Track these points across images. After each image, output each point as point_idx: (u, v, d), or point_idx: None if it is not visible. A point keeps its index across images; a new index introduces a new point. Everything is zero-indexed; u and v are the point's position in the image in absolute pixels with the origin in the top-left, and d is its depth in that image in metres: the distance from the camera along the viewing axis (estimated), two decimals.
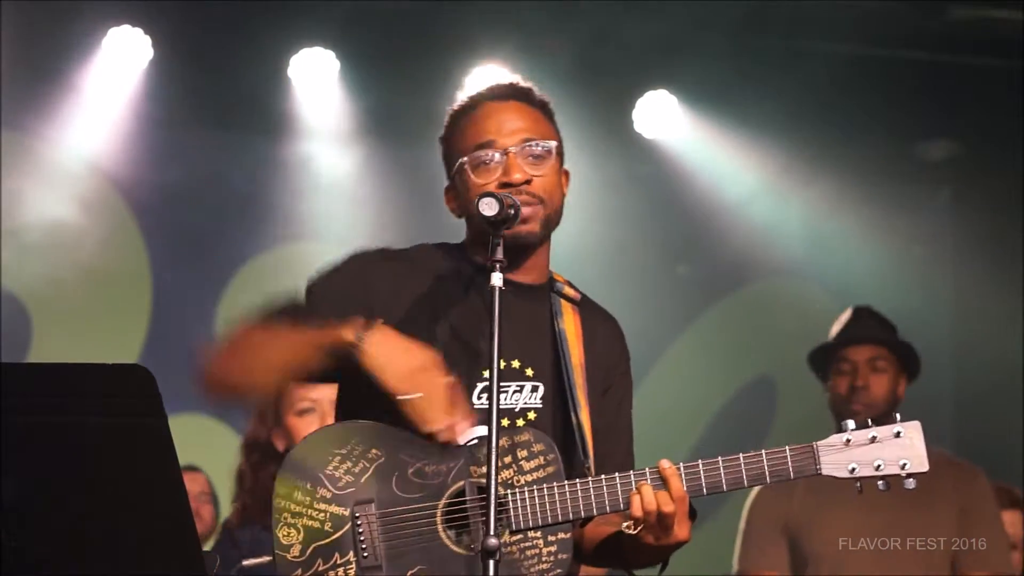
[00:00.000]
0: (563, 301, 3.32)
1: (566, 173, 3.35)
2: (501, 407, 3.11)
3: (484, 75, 6.94)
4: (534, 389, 3.22)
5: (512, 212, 3.07)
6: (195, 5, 6.72)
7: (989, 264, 7.57)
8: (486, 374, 3.13)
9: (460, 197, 3.27)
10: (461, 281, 3.25)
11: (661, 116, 7.36)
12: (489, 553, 2.81)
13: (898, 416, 3.08)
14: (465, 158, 3.24)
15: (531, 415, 3.20)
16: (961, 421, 7.86)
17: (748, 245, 7.59)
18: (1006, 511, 5.44)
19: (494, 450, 2.88)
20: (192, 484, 6.33)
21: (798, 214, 7.66)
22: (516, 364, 3.21)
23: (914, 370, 5.25)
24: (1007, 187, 7.41)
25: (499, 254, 3.01)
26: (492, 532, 2.82)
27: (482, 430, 3.11)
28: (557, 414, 3.22)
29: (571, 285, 3.37)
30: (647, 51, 6.93)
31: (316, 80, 7.07)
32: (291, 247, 7.46)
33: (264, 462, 4.70)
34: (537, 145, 3.24)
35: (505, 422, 3.16)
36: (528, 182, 3.20)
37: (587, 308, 3.35)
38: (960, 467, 5.15)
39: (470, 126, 3.28)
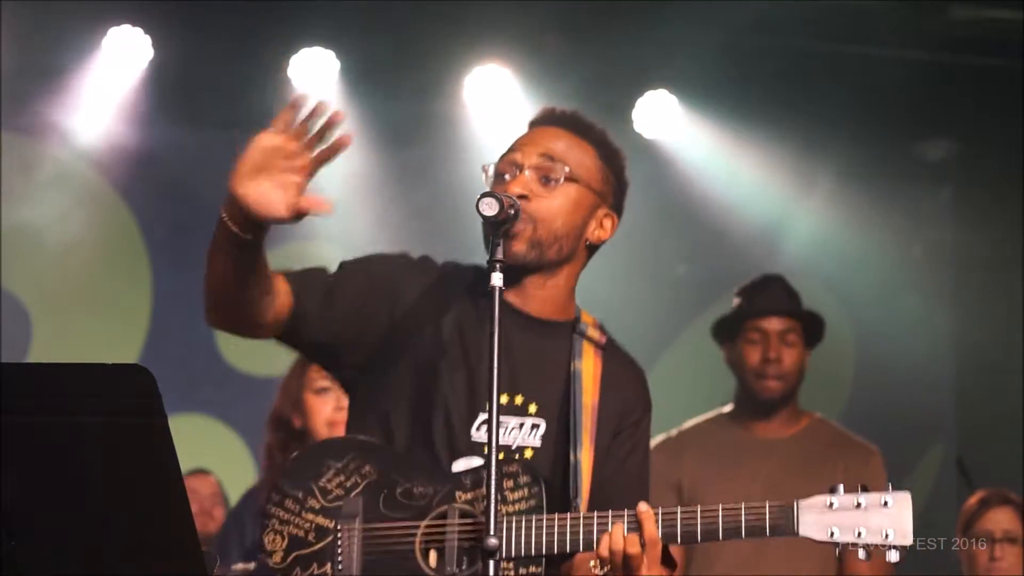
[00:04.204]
0: (585, 342, 3.26)
1: (610, 216, 3.31)
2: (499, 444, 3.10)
3: (484, 75, 6.95)
4: (534, 427, 3.19)
5: (512, 212, 3.05)
6: (195, 5, 6.71)
7: (989, 264, 7.56)
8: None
9: None
10: (477, 308, 3.21)
11: (661, 116, 7.36)
12: (489, 553, 2.80)
13: (890, 485, 2.99)
14: (490, 165, 3.24)
15: (528, 453, 3.17)
16: (962, 422, 7.85)
17: (748, 245, 7.57)
18: (997, 508, 5.36)
19: (494, 450, 2.86)
20: (203, 487, 6.35)
21: (798, 214, 7.65)
22: (519, 400, 3.18)
23: (816, 340, 5.26)
24: (1007, 187, 7.40)
25: (499, 254, 2.99)
26: (492, 532, 2.81)
27: (477, 461, 3.12)
28: (559, 453, 3.18)
29: (600, 328, 3.32)
30: (647, 51, 6.92)
31: (316, 80, 7.07)
32: (291, 247, 7.44)
33: (289, 441, 4.72)
34: (550, 166, 3.21)
35: (501, 456, 3.12)
36: (525, 198, 3.16)
37: (611, 353, 3.30)
38: (855, 446, 5.12)
39: (513, 143, 3.29)
